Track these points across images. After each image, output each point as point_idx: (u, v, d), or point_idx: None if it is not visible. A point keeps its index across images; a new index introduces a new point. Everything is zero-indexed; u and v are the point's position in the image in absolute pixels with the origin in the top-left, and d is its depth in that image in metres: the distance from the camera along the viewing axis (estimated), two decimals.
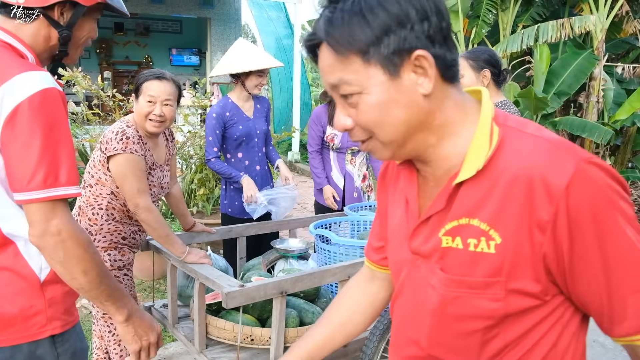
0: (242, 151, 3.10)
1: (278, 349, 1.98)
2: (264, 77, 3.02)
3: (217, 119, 2.98)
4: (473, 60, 2.31)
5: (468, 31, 6.78)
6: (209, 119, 3.00)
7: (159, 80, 2.14)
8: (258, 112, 3.16)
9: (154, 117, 2.12)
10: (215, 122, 2.98)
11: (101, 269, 1.19)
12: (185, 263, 2.13)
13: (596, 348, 3.31)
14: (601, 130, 5.79)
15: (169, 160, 2.34)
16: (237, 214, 3.13)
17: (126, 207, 2.13)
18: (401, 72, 0.77)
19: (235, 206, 3.13)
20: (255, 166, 3.15)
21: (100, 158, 2.07)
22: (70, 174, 1.14)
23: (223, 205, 3.19)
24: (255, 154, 3.14)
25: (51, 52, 1.29)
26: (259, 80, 3.00)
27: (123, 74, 13.51)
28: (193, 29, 13.55)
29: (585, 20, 5.65)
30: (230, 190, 3.14)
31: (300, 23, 9.55)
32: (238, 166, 3.10)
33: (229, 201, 3.15)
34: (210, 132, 2.99)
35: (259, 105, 3.17)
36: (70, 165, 1.14)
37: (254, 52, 3.04)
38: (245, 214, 3.10)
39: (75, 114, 5.04)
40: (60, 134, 1.13)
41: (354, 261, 2.21)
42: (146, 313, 1.36)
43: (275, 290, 1.91)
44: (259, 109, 3.17)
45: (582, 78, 6.23)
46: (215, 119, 2.98)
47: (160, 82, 2.14)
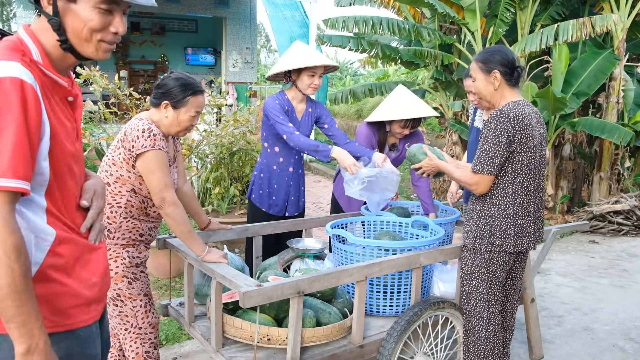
0: (279, 146, 3.06)
1: (295, 349, 1.97)
2: (316, 76, 2.95)
3: (280, 104, 2.96)
4: (483, 62, 2.29)
5: (485, 30, 6.70)
6: (272, 104, 2.94)
7: (202, 94, 2.18)
8: (307, 115, 3.12)
9: (191, 127, 2.18)
10: (279, 106, 2.94)
11: (17, 282, 1.05)
12: (203, 262, 2.13)
13: (616, 352, 3.25)
14: (621, 131, 5.69)
15: (177, 157, 2.35)
16: (257, 203, 3.12)
17: (145, 203, 2.14)
18: None
19: (259, 195, 3.12)
20: (289, 167, 3.11)
21: (125, 156, 2.07)
22: (10, 166, 1.05)
23: (250, 190, 3.18)
24: (292, 156, 3.10)
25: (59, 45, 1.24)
26: (311, 81, 2.94)
27: (139, 73, 13.63)
28: (208, 28, 13.61)
29: (607, 20, 5.55)
30: (258, 179, 3.12)
31: (316, 22, 9.53)
32: (271, 159, 3.09)
33: (255, 187, 3.14)
34: (278, 112, 2.91)
35: (311, 109, 3.13)
36: (11, 157, 1.05)
37: (306, 51, 3.00)
38: (267, 206, 3.10)
39: (93, 113, 5.09)
40: (4, 123, 1.06)
41: (371, 261, 2.19)
42: (54, 355, 1.13)
43: (292, 290, 1.90)
44: (310, 113, 3.12)
45: (602, 78, 6.12)
46: (278, 104, 2.95)
47: (203, 96, 2.19)
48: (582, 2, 6.85)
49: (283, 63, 2.99)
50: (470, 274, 2.39)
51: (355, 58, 21.03)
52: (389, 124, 3.19)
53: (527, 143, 2.22)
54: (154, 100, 2.17)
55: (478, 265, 2.35)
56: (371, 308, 2.47)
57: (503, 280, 2.39)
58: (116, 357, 2.34)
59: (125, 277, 2.13)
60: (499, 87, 2.28)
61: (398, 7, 7.95)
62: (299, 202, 3.23)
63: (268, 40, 29.45)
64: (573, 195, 7.07)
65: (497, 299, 2.38)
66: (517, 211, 2.27)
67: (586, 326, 3.64)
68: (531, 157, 2.25)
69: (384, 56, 6.98)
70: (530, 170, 2.26)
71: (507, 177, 2.26)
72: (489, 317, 2.36)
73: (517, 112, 2.19)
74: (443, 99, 7.52)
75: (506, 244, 2.28)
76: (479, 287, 2.36)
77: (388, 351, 2.17)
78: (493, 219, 2.28)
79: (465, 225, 2.43)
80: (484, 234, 2.30)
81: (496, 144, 2.19)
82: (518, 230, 2.28)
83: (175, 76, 2.15)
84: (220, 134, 5.00)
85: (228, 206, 5.05)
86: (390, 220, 2.92)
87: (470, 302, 2.39)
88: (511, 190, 2.26)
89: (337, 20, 6.49)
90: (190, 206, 2.49)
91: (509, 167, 2.24)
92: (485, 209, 2.30)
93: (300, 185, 3.22)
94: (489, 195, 2.29)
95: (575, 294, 4.24)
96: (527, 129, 2.20)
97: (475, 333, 2.39)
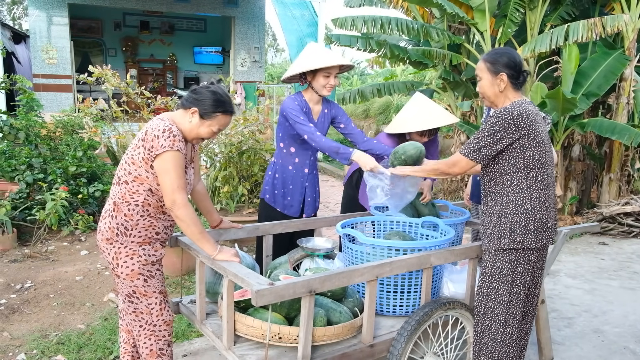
0: (295, 147, 3.06)
1: (306, 348, 1.98)
2: (332, 76, 2.93)
3: (299, 105, 2.95)
4: (491, 63, 2.30)
5: (495, 31, 6.67)
6: (291, 105, 2.93)
7: (231, 115, 2.22)
8: (323, 116, 3.10)
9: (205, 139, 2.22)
10: (298, 107, 2.94)
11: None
12: (215, 260, 2.15)
13: (627, 355, 3.24)
14: (631, 132, 5.65)
15: (194, 157, 2.37)
16: (271, 202, 3.13)
17: (161, 202, 2.15)
18: None
19: (274, 195, 3.12)
20: (304, 168, 3.11)
21: (144, 156, 2.08)
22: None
23: (264, 190, 3.17)
24: (307, 157, 3.11)
25: None
26: (327, 81, 2.93)
27: (148, 71, 13.70)
28: (217, 27, 13.65)
29: (618, 20, 5.51)
30: (273, 179, 3.11)
31: (324, 22, 9.53)
32: (287, 159, 3.09)
33: (269, 188, 3.14)
34: (298, 112, 2.90)
35: (327, 110, 3.12)
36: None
37: (320, 52, 2.98)
38: (282, 206, 3.10)
39: (104, 111, 5.12)
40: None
41: (382, 261, 2.20)
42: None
43: (304, 289, 1.91)
44: (326, 114, 3.11)
45: (612, 79, 6.08)
46: (297, 104, 2.95)
47: (231, 117, 2.22)
48: (592, 2, 6.81)
49: (298, 65, 2.98)
50: (490, 276, 2.36)
51: (363, 58, 21.00)
52: (409, 133, 3.20)
53: (536, 138, 2.22)
54: (185, 102, 2.17)
55: (499, 267, 2.32)
56: (381, 308, 2.48)
57: (529, 280, 2.37)
58: (130, 353, 2.36)
59: (141, 275, 2.15)
60: (504, 89, 2.29)
61: (407, 7, 7.94)
62: (315, 202, 3.24)
63: (275, 39, 29.49)
64: (582, 196, 7.03)
65: (518, 300, 2.35)
66: (534, 205, 2.27)
67: (596, 328, 3.62)
68: (542, 151, 2.25)
69: (392, 56, 6.97)
70: (542, 164, 2.27)
71: (520, 173, 2.26)
72: (506, 319, 2.34)
73: (521, 110, 2.20)
74: (451, 99, 7.51)
75: (527, 239, 2.27)
76: (498, 289, 2.33)
77: (398, 351, 2.17)
78: (512, 216, 2.27)
79: (485, 228, 2.39)
80: (506, 232, 2.29)
81: (489, 135, 2.21)
82: (538, 225, 2.27)
83: (214, 89, 2.17)
84: (229, 133, 5.02)
85: (236, 205, 5.07)
86: (401, 220, 2.92)
87: (488, 304, 2.37)
88: (526, 185, 2.26)
89: (345, 20, 6.49)
90: (202, 205, 2.51)
91: (520, 162, 2.25)
92: (504, 207, 2.30)
93: (316, 186, 3.23)
94: (505, 194, 2.29)
95: (585, 296, 4.22)
96: (534, 125, 2.22)
97: (490, 335, 2.37)
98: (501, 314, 2.34)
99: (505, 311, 2.34)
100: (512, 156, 2.25)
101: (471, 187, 3.56)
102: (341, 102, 8.13)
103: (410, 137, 3.22)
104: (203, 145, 4.98)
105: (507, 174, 2.28)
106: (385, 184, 2.72)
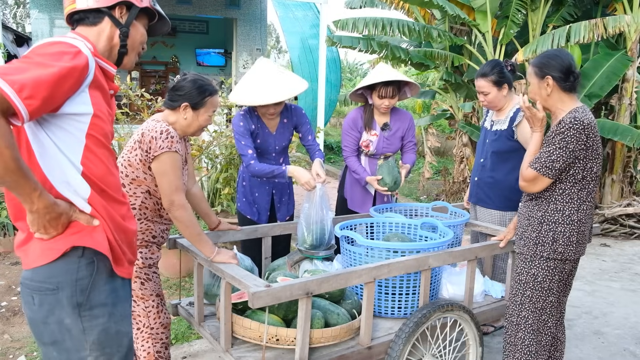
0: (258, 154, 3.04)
1: (303, 350, 1.98)
2: (272, 106, 2.87)
3: (244, 126, 2.93)
4: (537, 67, 2.24)
5: (496, 32, 6.66)
6: (237, 125, 2.93)
7: (217, 94, 2.25)
8: (283, 127, 3.07)
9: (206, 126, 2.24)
10: (243, 129, 2.92)
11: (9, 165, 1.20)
12: (213, 262, 2.15)
13: (627, 357, 3.22)
14: (634, 133, 5.63)
15: (187, 159, 2.37)
16: (242, 211, 3.14)
17: (159, 205, 2.16)
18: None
19: (243, 202, 3.13)
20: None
21: (142, 157, 2.09)
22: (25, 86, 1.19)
23: (237, 199, 3.18)
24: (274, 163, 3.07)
25: (112, 51, 1.53)
26: (267, 110, 2.90)
27: (150, 74, 13.73)
28: (219, 29, 13.68)
29: (620, 21, 5.50)
30: (241, 187, 3.13)
31: (326, 23, 9.54)
32: None
33: (240, 196, 3.15)
34: (240, 137, 2.91)
35: (286, 119, 3.08)
36: (32, 84, 1.20)
37: (264, 83, 2.86)
38: (251, 213, 3.10)
39: None
40: (43, 63, 1.25)
41: (380, 263, 2.20)
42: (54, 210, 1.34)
43: (301, 291, 1.91)
44: (285, 124, 3.08)
45: (615, 80, 6.06)
46: (242, 126, 2.92)
47: (217, 95, 2.26)
48: (594, 3, 6.80)
49: (239, 94, 2.92)
50: (524, 284, 2.32)
51: (365, 59, 21.00)
52: (371, 97, 3.28)
53: (597, 149, 2.18)
54: (170, 102, 2.17)
55: (534, 274, 2.29)
56: (379, 309, 2.48)
57: (563, 288, 2.34)
58: None
59: (138, 278, 2.15)
60: (552, 92, 2.21)
61: (408, 8, 7.94)
62: (288, 206, 3.23)
63: (278, 41, 29.52)
64: None
65: (552, 307, 2.33)
66: (581, 218, 2.22)
67: (597, 330, 3.61)
68: (599, 163, 2.21)
69: (393, 57, 6.97)
70: (597, 177, 2.23)
71: (577, 185, 2.20)
72: (538, 327, 2.32)
73: (590, 119, 2.13)
74: (453, 100, 7.50)
75: (568, 251, 2.23)
76: (532, 298, 2.30)
77: (396, 352, 2.17)
78: (557, 225, 2.22)
79: (522, 231, 2.34)
80: (547, 240, 2.24)
81: (562, 148, 2.13)
82: (580, 237, 2.24)
83: (191, 78, 2.17)
84: (230, 134, 5.02)
85: None
86: (399, 222, 2.92)
87: (522, 313, 2.33)
88: (577, 197, 2.21)
89: (347, 22, 6.50)
90: (199, 207, 2.51)
91: (579, 174, 2.18)
92: (548, 214, 2.24)
93: (287, 189, 3.19)
94: (552, 201, 2.24)
95: (586, 298, 4.21)
96: (597, 136, 2.17)
97: (525, 348, 2.34)
98: (535, 323, 2.32)
99: (538, 319, 2.32)
100: (574, 166, 2.17)
101: (470, 189, 3.55)
102: (343, 103, 8.13)
103: (373, 104, 3.30)
104: (204, 147, 4.99)
105: (561, 182, 2.21)
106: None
